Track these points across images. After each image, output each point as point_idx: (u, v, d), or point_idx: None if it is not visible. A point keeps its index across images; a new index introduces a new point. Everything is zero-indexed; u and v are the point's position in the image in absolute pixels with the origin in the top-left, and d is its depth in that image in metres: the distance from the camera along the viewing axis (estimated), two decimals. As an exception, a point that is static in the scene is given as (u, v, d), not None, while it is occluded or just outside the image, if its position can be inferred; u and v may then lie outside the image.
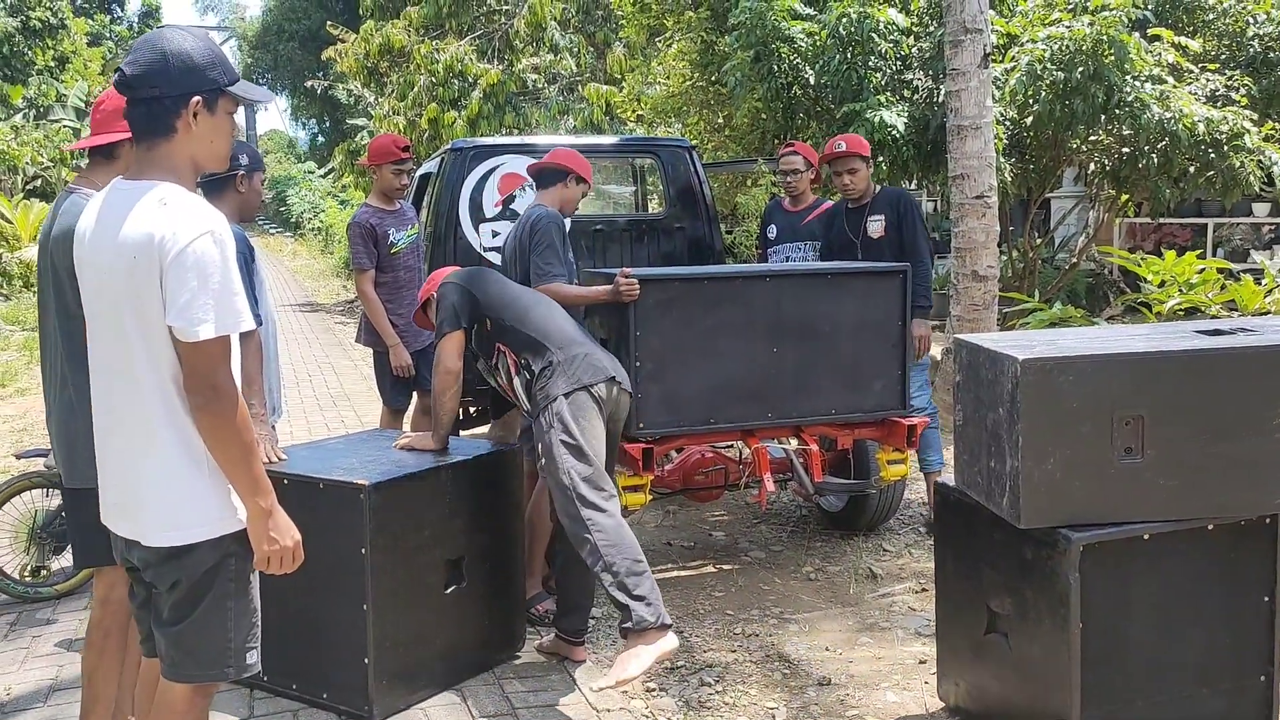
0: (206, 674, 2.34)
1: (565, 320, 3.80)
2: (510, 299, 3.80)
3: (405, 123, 14.87)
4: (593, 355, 3.65)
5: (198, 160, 2.29)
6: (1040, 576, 3.00)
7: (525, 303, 3.81)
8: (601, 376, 3.58)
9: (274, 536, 2.25)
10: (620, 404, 3.69)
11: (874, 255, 5.16)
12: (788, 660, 3.94)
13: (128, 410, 2.23)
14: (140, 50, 2.22)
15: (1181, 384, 2.93)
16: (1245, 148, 7.81)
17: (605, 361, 3.68)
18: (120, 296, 2.19)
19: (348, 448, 3.84)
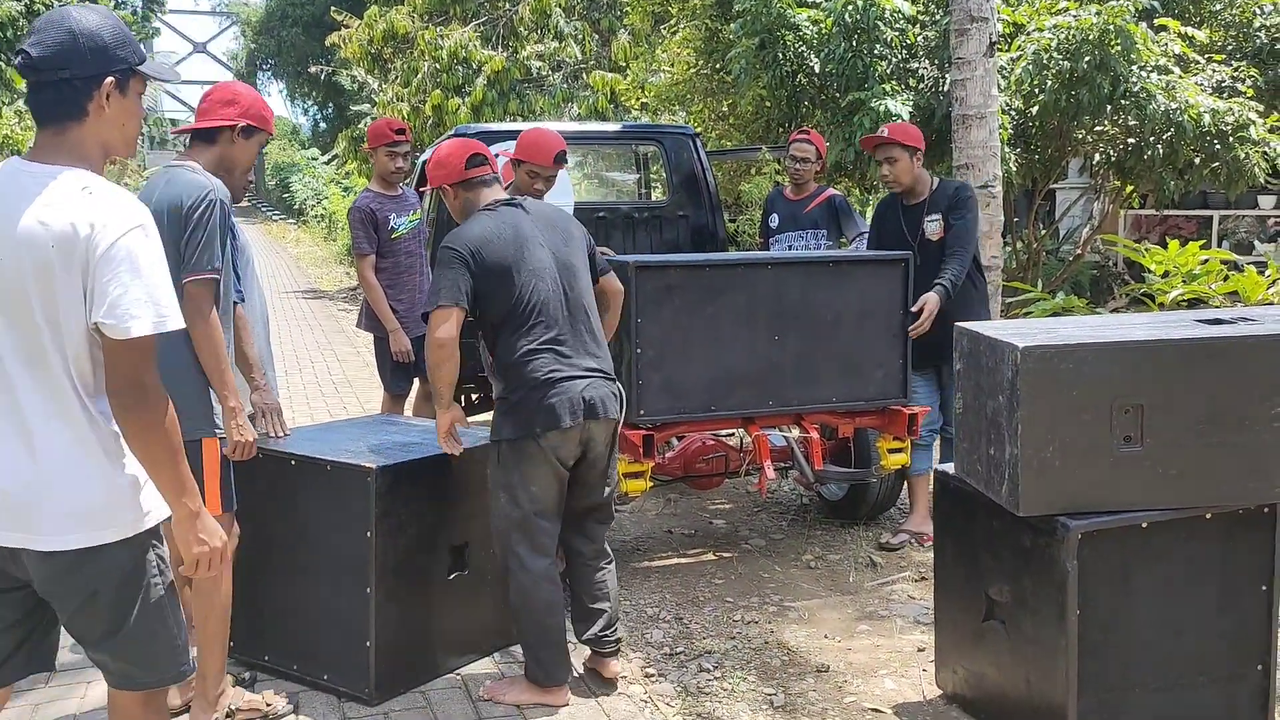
0: (162, 680, 2.26)
1: (532, 339, 3.37)
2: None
3: (409, 109, 14.84)
4: (550, 397, 3.30)
5: (108, 144, 2.20)
6: (1038, 564, 3.01)
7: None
8: (555, 424, 3.29)
9: (203, 538, 2.18)
10: (595, 433, 3.41)
11: (932, 259, 4.74)
12: (786, 647, 3.95)
13: (28, 404, 2.08)
14: (45, 30, 2.12)
15: (1181, 373, 2.94)
16: (1251, 139, 7.78)
17: (570, 397, 3.32)
18: (28, 286, 2.04)
19: (353, 431, 3.85)
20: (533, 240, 3.43)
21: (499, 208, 3.48)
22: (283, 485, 3.41)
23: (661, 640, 4.01)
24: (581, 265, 3.53)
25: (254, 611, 3.53)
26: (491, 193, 3.53)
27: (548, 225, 3.50)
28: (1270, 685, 3.12)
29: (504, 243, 3.38)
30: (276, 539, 3.48)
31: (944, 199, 4.89)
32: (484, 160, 3.55)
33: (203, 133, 3.23)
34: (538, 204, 3.64)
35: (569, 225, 3.58)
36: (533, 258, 3.40)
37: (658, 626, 4.13)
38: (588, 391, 3.37)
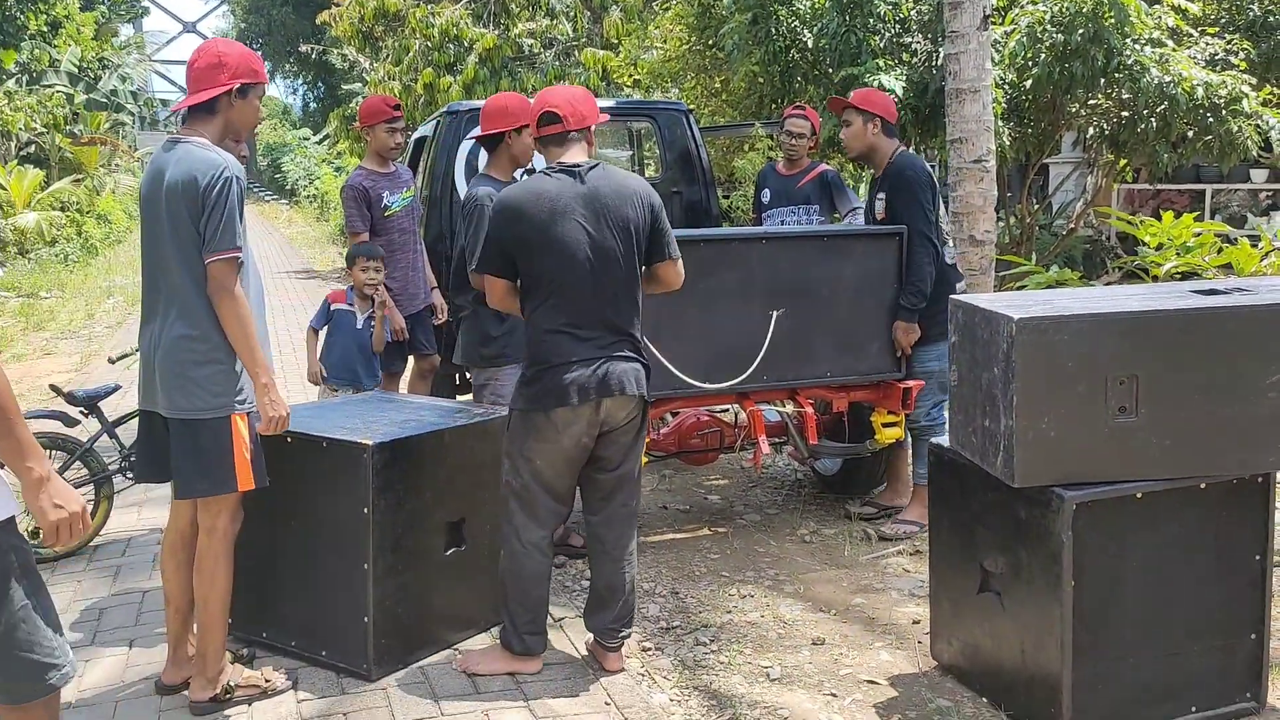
0: (39, 690, 2.12)
1: (550, 320, 3.31)
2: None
3: (400, 87, 14.77)
4: (562, 378, 3.26)
5: None
6: (1034, 535, 3.03)
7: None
8: (564, 401, 3.25)
9: (59, 504, 2.03)
10: (612, 410, 3.33)
11: None
12: (782, 620, 3.97)
13: None
14: None
15: (1176, 343, 2.94)
16: (1243, 112, 7.79)
17: (582, 377, 3.27)
18: None
19: (349, 409, 3.85)
20: (569, 215, 3.26)
21: (554, 174, 3.33)
22: (280, 463, 3.41)
23: (658, 615, 4.02)
24: (622, 248, 3.30)
25: (252, 588, 3.54)
26: (558, 153, 3.38)
27: (594, 200, 3.28)
28: (1264, 653, 3.14)
29: (538, 214, 3.26)
30: (274, 516, 3.48)
31: (889, 177, 4.68)
32: (556, 118, 3.37)
33: (202, 104, 3.14)
34: (603, 174, 3.34)
35: (622, 204, 3.31)
36: (565, 234, 3.25)
37: (654, 601, 4.14)
38: (602, 369, 3.29)
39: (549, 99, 3.42)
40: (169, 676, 3.37)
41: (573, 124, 3.38)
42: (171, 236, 3.06)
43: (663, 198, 6.41)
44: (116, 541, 4.88)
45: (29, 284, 15.35)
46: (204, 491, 3.14)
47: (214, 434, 3.09)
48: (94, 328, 12.00)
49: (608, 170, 3.38)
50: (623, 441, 3.43)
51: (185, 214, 3.03)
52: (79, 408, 4.88)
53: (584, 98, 3.47)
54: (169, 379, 3.09)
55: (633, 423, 3.42)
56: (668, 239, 3.43)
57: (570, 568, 4.45)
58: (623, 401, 3.34)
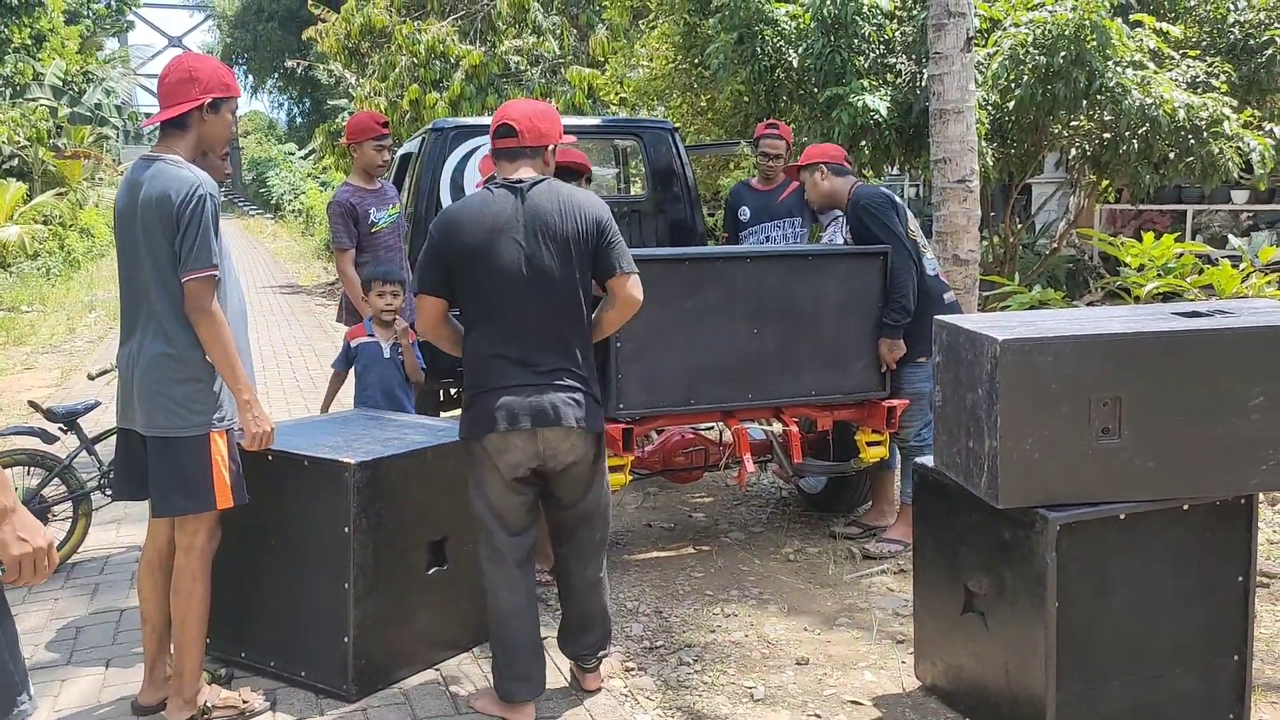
0: None
1: (485, 345, 3.19)
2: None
3: (387, 104, 14.77)
4: (493, 403, 3.11)
5: None
6: (1017, 556, 3.03)
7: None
8: (493, 427, 3.10)
9: (23, 537, 1.89)
10: (552, 441, 3.14)
11: None
12: (766, 640, 3.96)
13: None
14: None
15: (1159, 365, 2.95)
16: (1224, 134, 7.84)
17: (512, 403, 3.10)
18: None
19: (331, 426, 3.83)
20: (506, 232, 3.11)
21: (495, 189, 3.18)
22: (260, 481, 3.38)
23: (641, 634, 4.00)
24: (562, 269, 3.14)
25: (231, 608, 3.50)
26: (508, 169, 3.22)
27: (535, 218, 3.12)
28: (1247, 675, 3.14)
29: (477, 231, 3.11)
30: (253, 535, 3.45)
31: (851, 215, 4.75)
32: (511, 131, 3.21)
33: (173, 119, 3.12)
34: (546, 190, 3.17)
35: (564, 221, 3.14)
36: (501, 253, 3.10)
37: (637, 620, 4.12)
38: (537, 397, 3.11)
39: (508, 112, 3.27)
40: (145, 697, 3.33)
41: (528, 140, 3.21)
42: (148, 255, 3.06)
43: (648, 216, 6.54)
44: (94, 559, 4.83)
45: (10, 298, 15.24)
46: (182, 510, 3.13)
47: (193, 452, 3.08)
48: (75, 342, 11.92)
49: (553, 186, 3.20)
50: (576, 477, 3.25)
51: (160, 232, 3.02)
52: (58, 424, 4.84)
53: (546, 114, 3.28)
54: (147, 397, 3.08)
55: (584, 458, 3.23)
56: (617, 253, 3.22)
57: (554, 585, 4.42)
58: (562, 433, 3.14)
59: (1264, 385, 2.98)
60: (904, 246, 4.56)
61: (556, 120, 3.31)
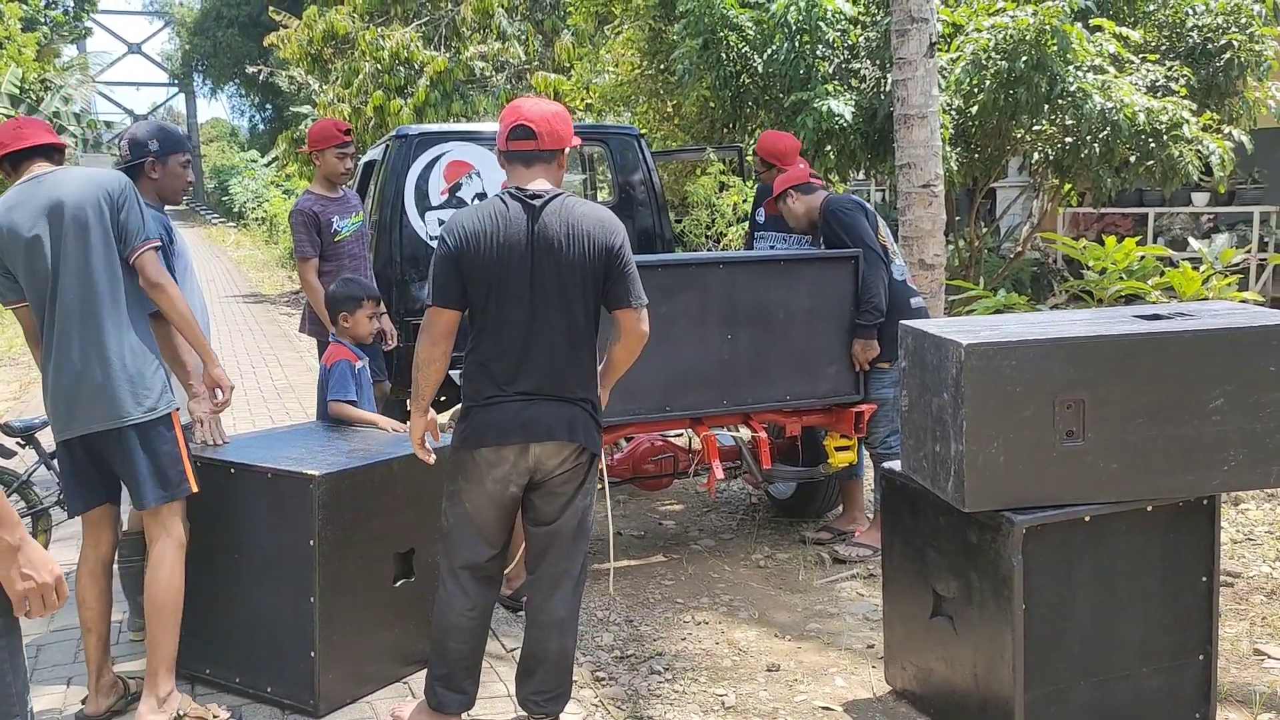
0: None
1: (485, 355, 3.06)
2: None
3: (350, 110, 14.68)
4: (489, 414, 3.02)
5: None
6: (984, 559, 3.04)
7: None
8: (487, 441, 3.02)
9: (28, 573, 1.86)
10: (543, 457, 3.04)
11: None
12: (737, 648, 3.95)
13: None
14: None
15: (1121, 368, 2.97)
16: (1184, 138, 7.94)
17: (503, 417, 3.01)
18: None
19: (295, 438, 3.78)
20: (517, 252, 2.96)
21: (510, 202, 3.00)
22: (222, 494, 3.34)
23: (612, 643, 3.98)
24: (567, 295, 2.99)
25: (194, 623, 3.44)
26: (523, 175, 3.05)
27: (544, 238, 2.96)
28: (1212, 674, 3.17)
29: (489, 247, 2.96)
30: (216, 549, 3.41)
31: (823, 224, 4.79)
32: (530, 134, 3.01)
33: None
34: (560, 208, 2.99)
35: (572, 248, 2.97)
36: (511, 273, 2.97)
37: (608, 630, 4.10)
38: (530, 411, 3.01)
39: (525, 112, 3.03)
40: (92, 707, 3.31)
41: (546, 143, 3.03)
42: (79, 254, 3.12)
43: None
44: (55, 575, 4.74)
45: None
46: (164, 497, 3.18)
47: (165, 434, 3.18)
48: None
49: (567, 204, 3.00)
50: (559, 493, 3.10)
51: (95, 221, 3.13)
52: (15, 439, 4.76)
53: (563, 116, 3.09)
54: (111, 389, 3.11)
55: (572, 473, 3.09)
56: (629, 284, 3.03)
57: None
58: (554, 449, 3.03)
59: (1224, 387, 3.01)
60: (873, 250, 4.60)
61: (570, 121, 3.15)
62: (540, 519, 3.15)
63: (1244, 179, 12.29)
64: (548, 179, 3.07)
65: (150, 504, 3.18)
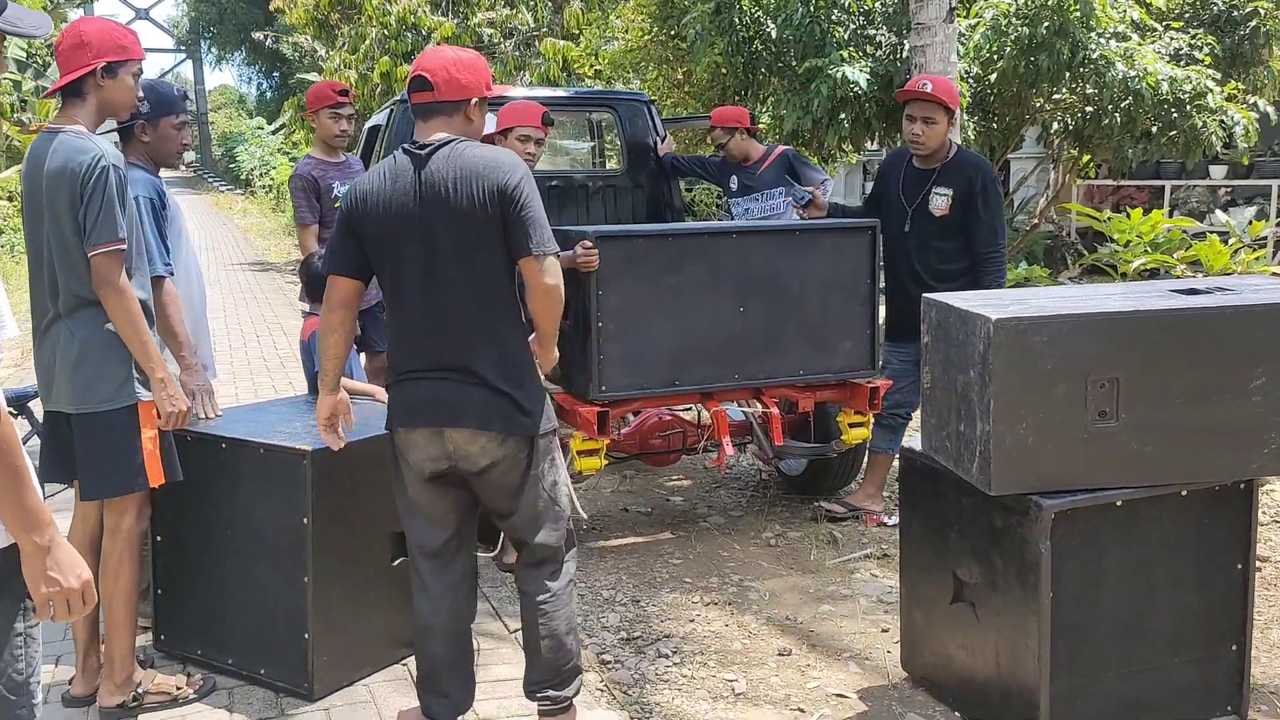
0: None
1: (392, 328, 2.87)
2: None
3: (357, 76, 14.50)
4: (397, 393, 2.83)
5: None
6: (1010, 544, 2.90)
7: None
8: (398, 422, 2.83)
9: (54, 576, 1.78)
10: (460, 445, 2.76)
11: (925, 235, 4.52)
12: (747, 630, 3.82)
13: None
14: None
15: (1158, 345, 2.82)
16: (1208, 107, 7.74)
17: (407, 397, 2.80)
18: None
19: (291, 411, 3.64)
20: (406, 208, 2.72)
21: (397, 155, 2.78)
22: (214, 470, 3.21)
23: (618, 625, 3.86)
24: (464, 249, 2.71)
25: (185, 603, 3.35)
26: (422, 129, 2.79)
27: (432, 189, 2.70)
28: (1245, 665, 3.04)
29: (378, 206, 2.74)
30: (208, 527, 3.28)
31: (961, 176, 4.50)
32: (425, 84, 2.76)
33: (70, 88, 2.98)
34: (449, 154, 2.72)
35: (460, 192, 2.69)
36: (401, 232, 2.73)
37: (614, 610, 3.98)
38: (435, 390, 2.76)
39: (423, 62, 2.79)
40: (79, 688, 3.21)
41: (444, 93, 2.74)
42: (53, 231, 2.93)
43: (624, 191, 6.35)
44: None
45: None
46: (111, 491, 3.02)
47: (121, 428, 2.97)
48: (37, 321, 11.61)
49: (455, 150, 2.72)
50: (502, 485, 2.83)
51: (65, 207, 2.90)
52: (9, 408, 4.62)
53: (468, 64, 2.79)
54: (69, 376, 2.96)
55: (508, 464, 2.79)
56: (529, 229, 2.70)
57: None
58: (468, 436, 2.76)
59: (1266, 365, 2.86)
60: (1004, 238, 4.54)
61: (483, 70, 2.83)
62: (495, 511, 2.92)
63: (1263, 151, 12.05)
64: (449, 133, 2.77)
65: (88, 496, 3.05)
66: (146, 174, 3.49)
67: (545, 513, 2.90)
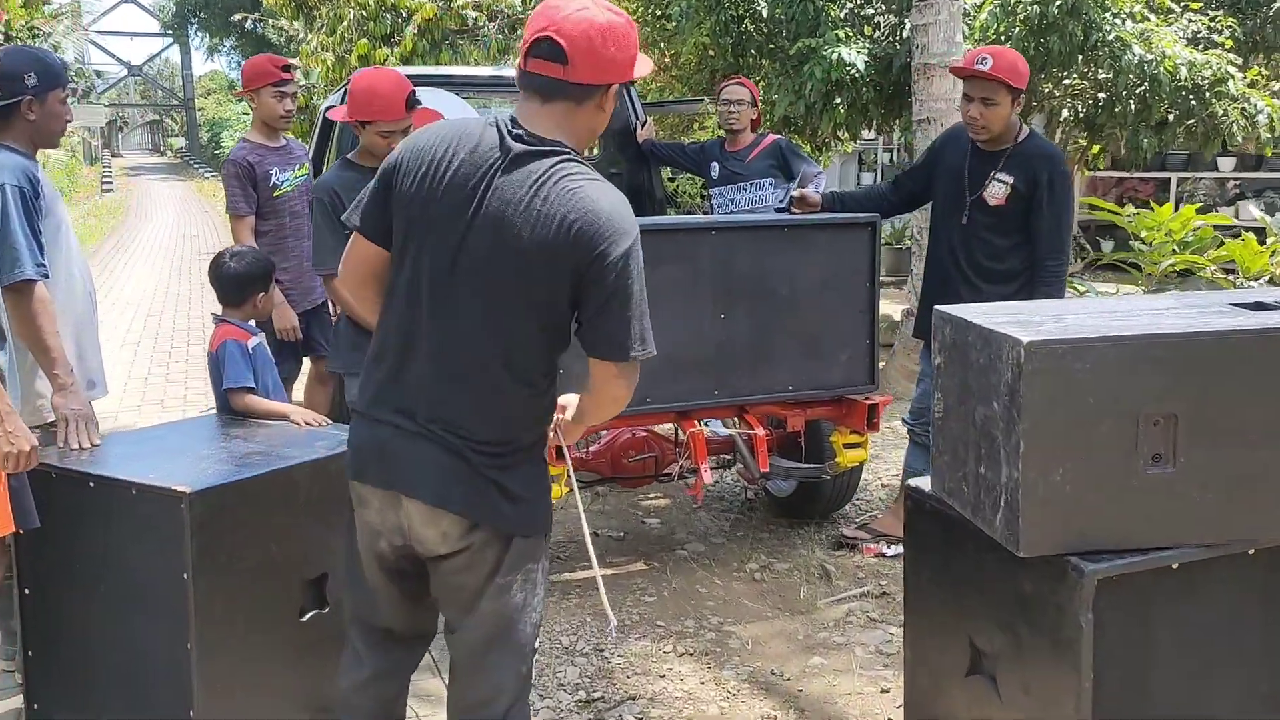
0: None
1: (381, 340, 2.17)
2: None
3: (334, 59, 13.92)
4: (355, 431, 2.20)
5: None
6: (1042, 614, 2.38)
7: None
8: (351, 468, 2.19)
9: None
10: (413, 519, 2.08)
11: (981, 226, 3.94)
12: (726, 689, 3.31)
13: None
14: None
15: (1226, 374, 2.30)
16: (1229, 94, 7.24)
17: (365, 443, 2.15)
18: None
19: (180, 438, 3.10)
20: (467, 198, 2.01)
21: (489, 131, 2.06)
22: (82, 513, 2.68)
23: (577, 681, 3.34)
24: (504, 291, 2.03)
25: (57, 665, 2.82)
26: (530, 112, 2.06)
27: (495, 202, 2.00)
28: (1319, 755, 2.53)
29: (439, 174, 2.03)
30: (78, 579, 2.75)
31: (1027, 164, 3.90)
32: (556, 52, 1.98)
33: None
34: (554, 171, 2.01)
35: (530, 232, 1.97)
36: (434, 219, 2.05)
37: (573, 663, 3.46)
38: (396, 444, 2.08)
39: (554, 18, 1.99)
40: None
41: (581, 71, 1.99)
42: None
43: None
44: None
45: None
46: None
47: None
48: None
49: (562, 170, 2.00)
50: (456, 585, 2.13)
51: None
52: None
53: (624, 34, 2.03)
54: None
55: (470, 558, 2.08)
56: (614, 321, 2.03)
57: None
58: (425, 514, 2.06)
59: (1355, 398, 2.34)
60: (1070, 240, 4.05)
61: (634, 42, 2.07)
62: (446, 605, 2.20)
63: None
64: (567, 131, 2.05)
65: None
66: (18, 156, 2.97)
67: (498, 641, 2.14)
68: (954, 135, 4.22)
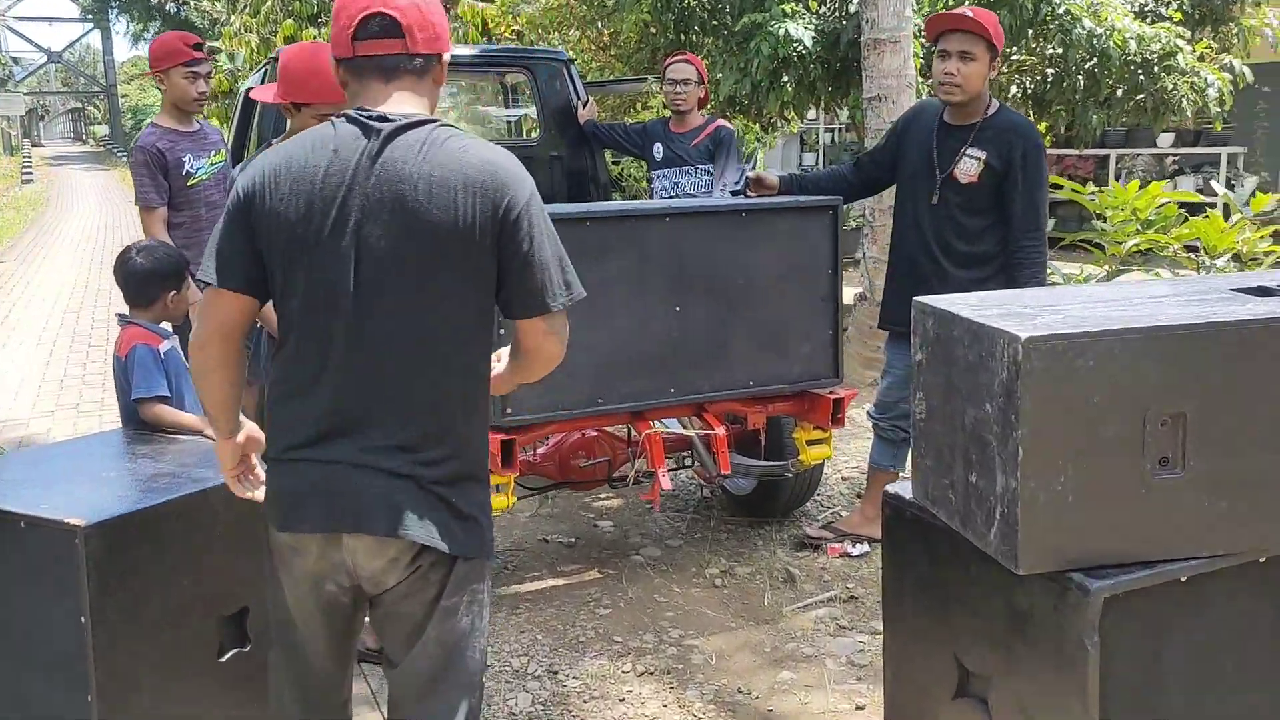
0: None
1: (286, 378, 1.97)
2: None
3: (258, 41, 13.44)
4: (278, 478, 1.98)
5: None
6: (1040, 634, 2.17)
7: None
8: (280, 522, 1.96)
9: None
10: (359, 557, 1.91)
11: (951, 207, 3.71)
12: (690, 712, 3.07)
13: None
14: None
15: (1239, 368, 2.10)
16: (1178, 68, 7.15)
17: (298, 485, 1.93)
18: None
19: (82, 459, 2.78)
20: (347, 196, 1.84)
21: (340, 125, 1.90)
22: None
23: (529, 709, 3.08)
24: (425, 280, 1.87)
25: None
26: (375, 92, 1.91)
27: (387, 184, 1.84)
28: (1335, 775, 2.36)
29: (295, 194, 1.86)
30: (-39, 624, 2.43)
31: (999, 138, 3.66)
32: (393, 29, 1.88)
33: None
34: (419, 140, 1.87)
35: (432, 202, 1.83)
36: (324, 237, 1.86)
37: (524, 688, 3.20)
38: (334, 480, 1.88)
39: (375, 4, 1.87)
40: None
41: (420, 42, 1.89)
42: None
43: (540, 163, 5.48)
44: None
45: None
46: None
47: None
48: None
49: (438, 137, 1.88)
50: (399, 614, 1.96)
51: None
52: None
53: (439, 6, 1.97)
54: None
55: (413, 584, 1.93)
56: (535, 273, 1.91)
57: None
58: (372, 546, 1.89)
59: (1372, 390, 2.15)
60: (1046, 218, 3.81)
61: (444, 12, 2.02)
62: (390, 658, 2.01)
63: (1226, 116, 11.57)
64: (417, 106, 1.93)
65: None
66: None
67: (445, 672, 1.97)
68: (918, 112, 3.99)
